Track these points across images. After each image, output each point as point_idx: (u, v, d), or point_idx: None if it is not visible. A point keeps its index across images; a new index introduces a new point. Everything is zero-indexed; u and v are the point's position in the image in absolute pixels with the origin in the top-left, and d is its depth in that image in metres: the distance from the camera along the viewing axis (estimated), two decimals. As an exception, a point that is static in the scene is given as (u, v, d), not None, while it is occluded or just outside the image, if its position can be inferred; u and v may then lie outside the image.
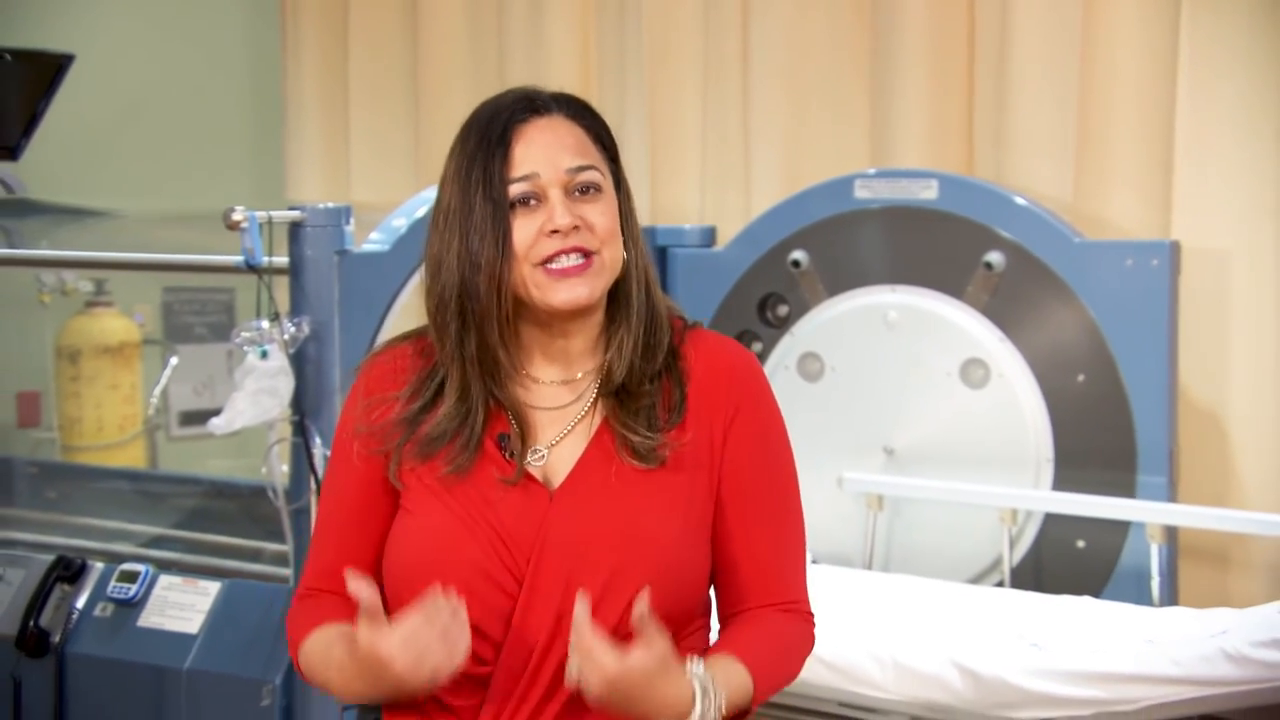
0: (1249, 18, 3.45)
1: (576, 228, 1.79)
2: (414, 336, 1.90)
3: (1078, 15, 3.66)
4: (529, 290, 1.79)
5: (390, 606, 1.82)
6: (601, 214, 1.81)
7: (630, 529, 1.77)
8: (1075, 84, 3.68)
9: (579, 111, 1.86)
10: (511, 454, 1.81)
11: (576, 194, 1.81)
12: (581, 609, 1.65)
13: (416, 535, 1.80)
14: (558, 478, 1.81)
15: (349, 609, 1.81)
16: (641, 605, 1.65)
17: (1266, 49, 3.44)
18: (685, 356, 1.86)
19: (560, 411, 1.85)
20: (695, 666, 1.73)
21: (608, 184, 1.84)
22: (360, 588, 1.67)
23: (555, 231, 1.78)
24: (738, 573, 1.85)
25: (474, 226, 1.78)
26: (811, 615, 1.89)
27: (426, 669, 1.67)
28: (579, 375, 1.86)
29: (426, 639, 1.66)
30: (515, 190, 1.79)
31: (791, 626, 1.86)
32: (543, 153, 1.80)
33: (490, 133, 1.80)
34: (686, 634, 1.82)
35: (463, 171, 1.80)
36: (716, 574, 1.86)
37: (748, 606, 1.85)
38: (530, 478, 1.80)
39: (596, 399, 1.84)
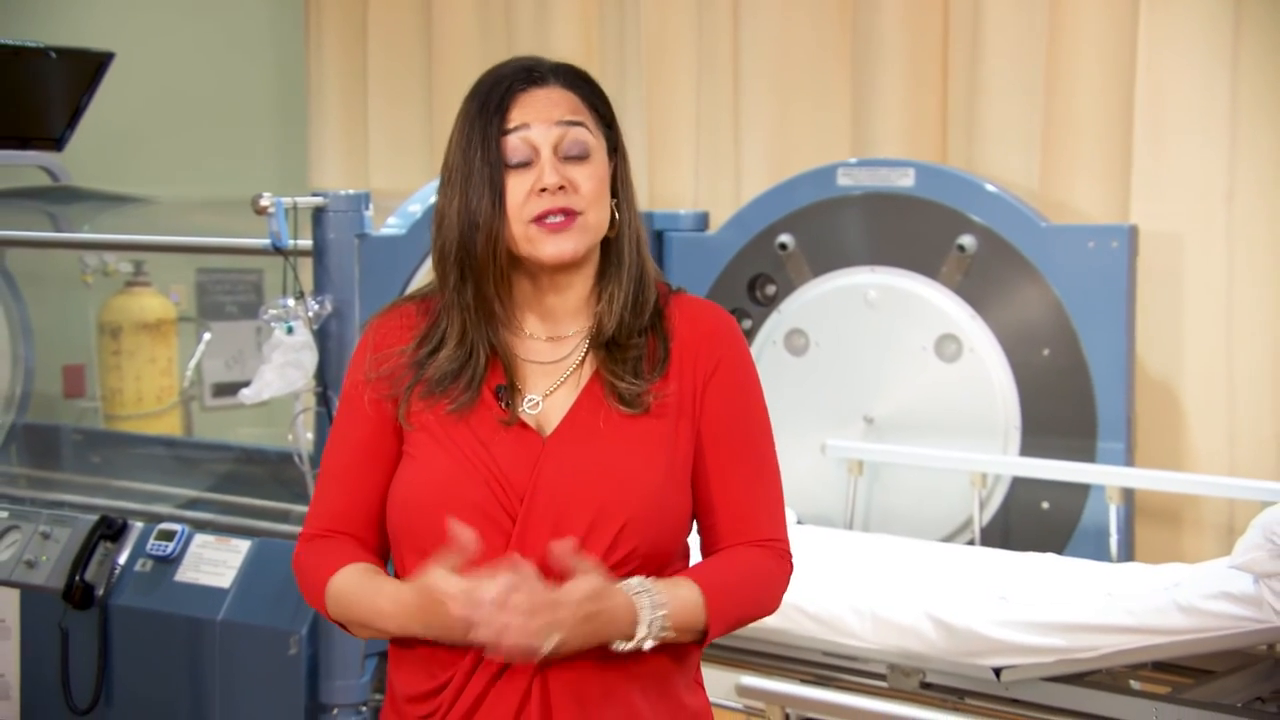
0: (1202, 23, 3.46)
1: (563, 188, 1.80)
2: (418, 297, 1.92)
3: (1044, 16, 3.66)
4: (521, 245, 1.81)
5: (395, 545, 1.84)
6: (588, 178, 1.82)
7: (616, 471, 1.78)
8: (1042, 80, 3.68)
9: (575, 81, 1.88)
10: (507, 403, 1.82)
11: (566, 158, 1.82)
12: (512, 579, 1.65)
13: (420, 477, 1.81)
14: (550, 425, 1.82)
15: (364, 551, 1.83)
16: (563, 547, 1.67)
17: (1218, 50, 3.45)
18: (670, 317, 1.87)
19: (552, 365, 1.85)
20: (629, 580, 1.74)
21: (598, 148, 1.85)
22: (461, 531, 1.68)
23: (544, 190, 1.79)
24: (716, 513, 1.85)
25: (473, 187, 1.80)
26: (788, 553, 1.88)
27: (468, 625, 1.65)
28: (569, 333, 1.86)
29: (485, 602, 1.64)
30: (510, 142, 1.80)
31: (762, 559, 1.85)
32: (535, 111, 1.82)
33: (490, 100, 1.82)
34: (664, 575, 1.80)
35: (465, 135, 1.82)
36: (698, 517, 1.87)
37: (725, 545, 1.85)
38: (524, 425, 1.81)
39: (587, 354, 1.85)
